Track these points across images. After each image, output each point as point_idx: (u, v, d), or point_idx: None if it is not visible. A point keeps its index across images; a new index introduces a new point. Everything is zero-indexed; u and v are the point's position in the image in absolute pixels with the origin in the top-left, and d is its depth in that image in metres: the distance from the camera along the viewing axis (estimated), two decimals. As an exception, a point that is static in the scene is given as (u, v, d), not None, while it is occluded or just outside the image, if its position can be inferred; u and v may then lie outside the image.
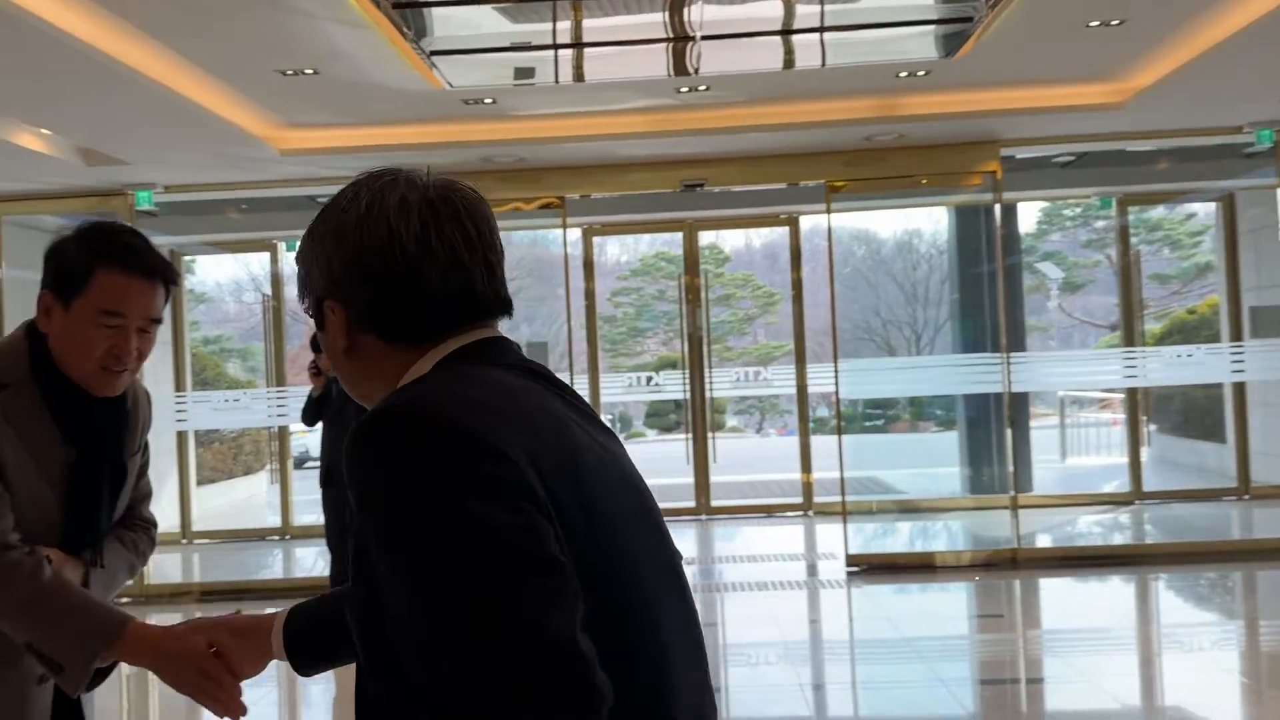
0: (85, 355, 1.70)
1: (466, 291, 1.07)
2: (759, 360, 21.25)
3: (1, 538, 1.63)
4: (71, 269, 1.69)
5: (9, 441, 1.68)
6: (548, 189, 7.29)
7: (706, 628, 4.74)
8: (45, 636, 1.60)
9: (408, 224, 1.05)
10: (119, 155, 6.23)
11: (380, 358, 1.08)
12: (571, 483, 0.98)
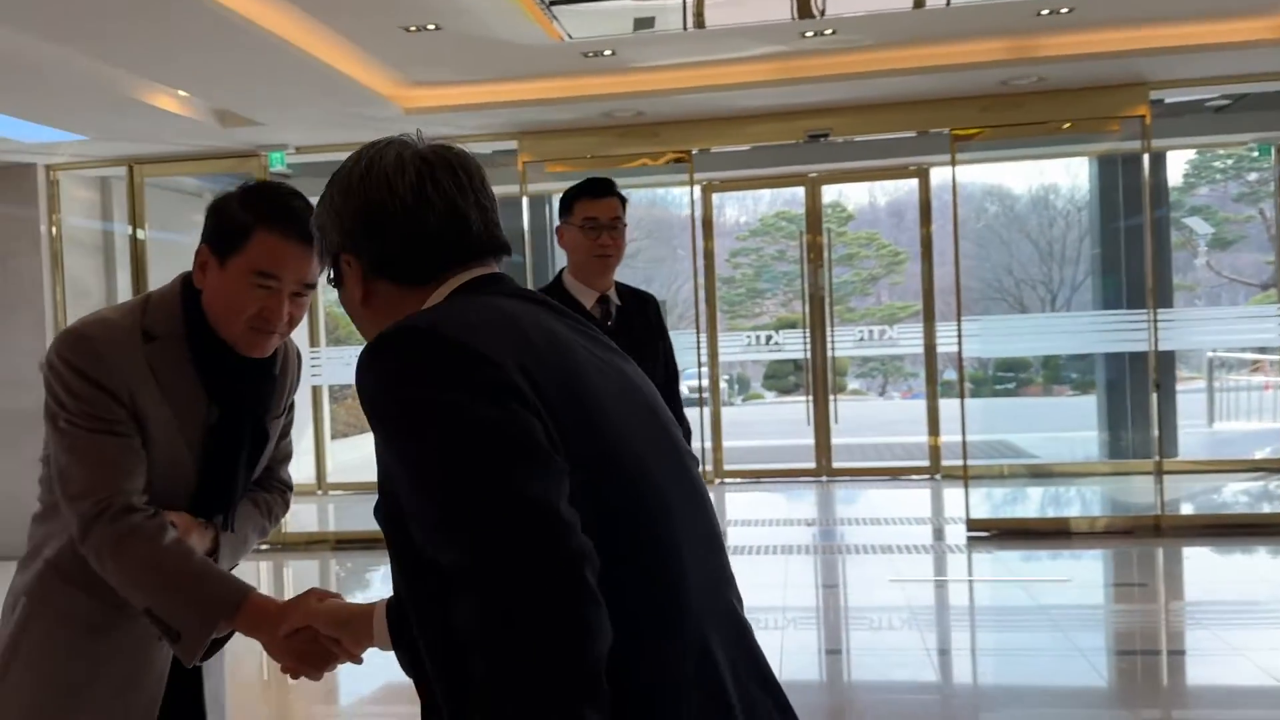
0: (236, 314, 1.68)
1: (463, 234, 1.20)
2: (882, 322, 20.79)
3: (126, 499, 1.62)
4: (231, 227, 1.68)
5: (152, 396, 1.67)
6: (666, 143, 7.20)
7: (827, 589, 4.64)
8: (164, 604, 1.60)
9: (403, 177, 1.18)
10: (253, 116, 6.41)
11: (393, 301, 1.20)
12: (567, 389, 1.08)
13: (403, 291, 1.20)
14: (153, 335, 1.70)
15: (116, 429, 1.64)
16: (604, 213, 2.93)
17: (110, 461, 1.63)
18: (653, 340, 3.05)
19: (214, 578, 1.63)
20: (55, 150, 7.07)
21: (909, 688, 4.28)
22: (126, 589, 1.62)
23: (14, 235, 7.43)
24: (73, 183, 7.66)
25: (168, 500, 1.69)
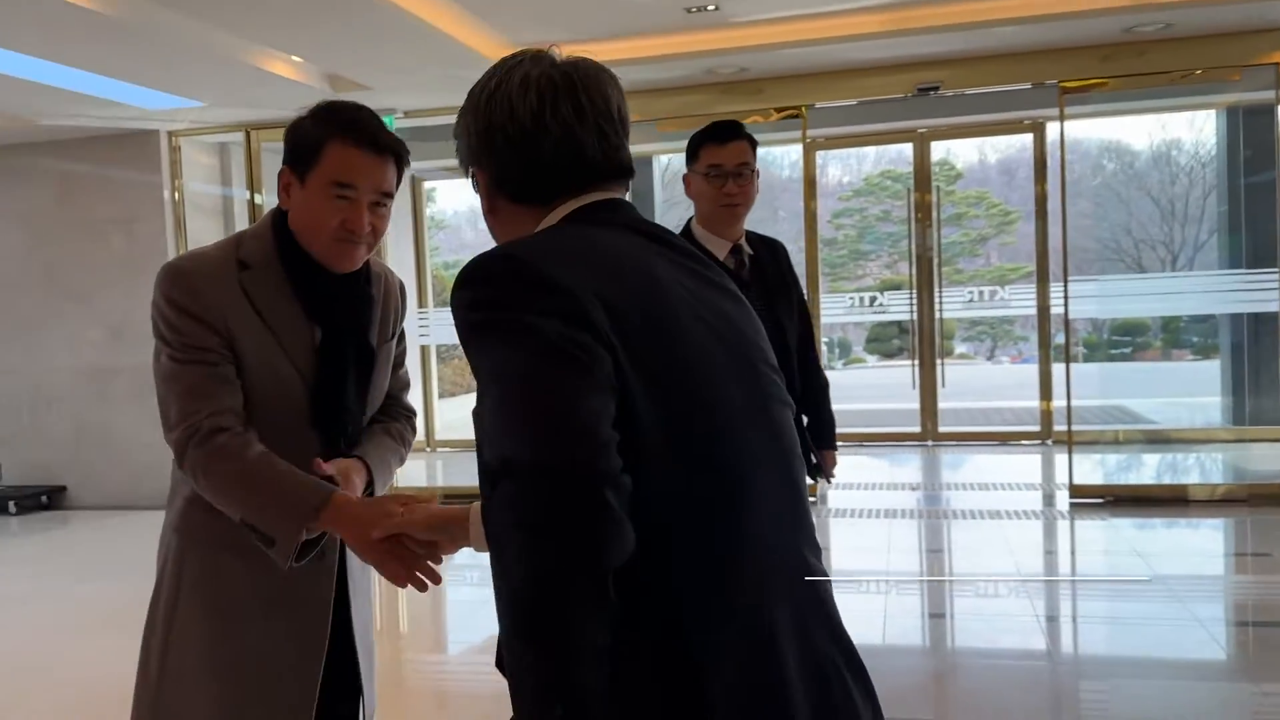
0: (320, 228, 1.74)
1: (577, 160, 1.21)
2: (992, 283, 20.19)
3: (214, 422, 1.68)
4: (305, 144, 1.74)
5: (250, 322, 1.73)
6: (771, 99, 7.09)
7: (932, 554, 4.54)
8: (254, 513, 1.66)
9: (524, 101, 1.20)
10: (363, 81, 6.54)
11: (513, 216, 1.25)
12: (650, 325, 1.10)
13: (520, 209, 1.24)
14: (247, 264, 1.76)
15: (208, 358, 1.70)
16: (729, 159, 2.78)
17: (200, 388, 1.69)
18: (786, 289, 2.95)
19: (297, 483, 1.66)
20: (176, 117, 7.34)
21: (1015, 654, 4.20)
22: (222, 503, 1.69)
23: (139, 201, 7.77)
24: (193, 148, 7.95)
25: (283, 419, 1.75)
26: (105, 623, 4.87)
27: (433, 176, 10.43)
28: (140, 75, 6.16)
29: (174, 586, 1.80)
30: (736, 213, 2.82)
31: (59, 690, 4.04)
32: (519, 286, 1.07)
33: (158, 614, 1.82)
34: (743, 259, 2.86)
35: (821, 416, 3.07)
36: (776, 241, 3.05)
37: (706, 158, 2.80)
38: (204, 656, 1.78)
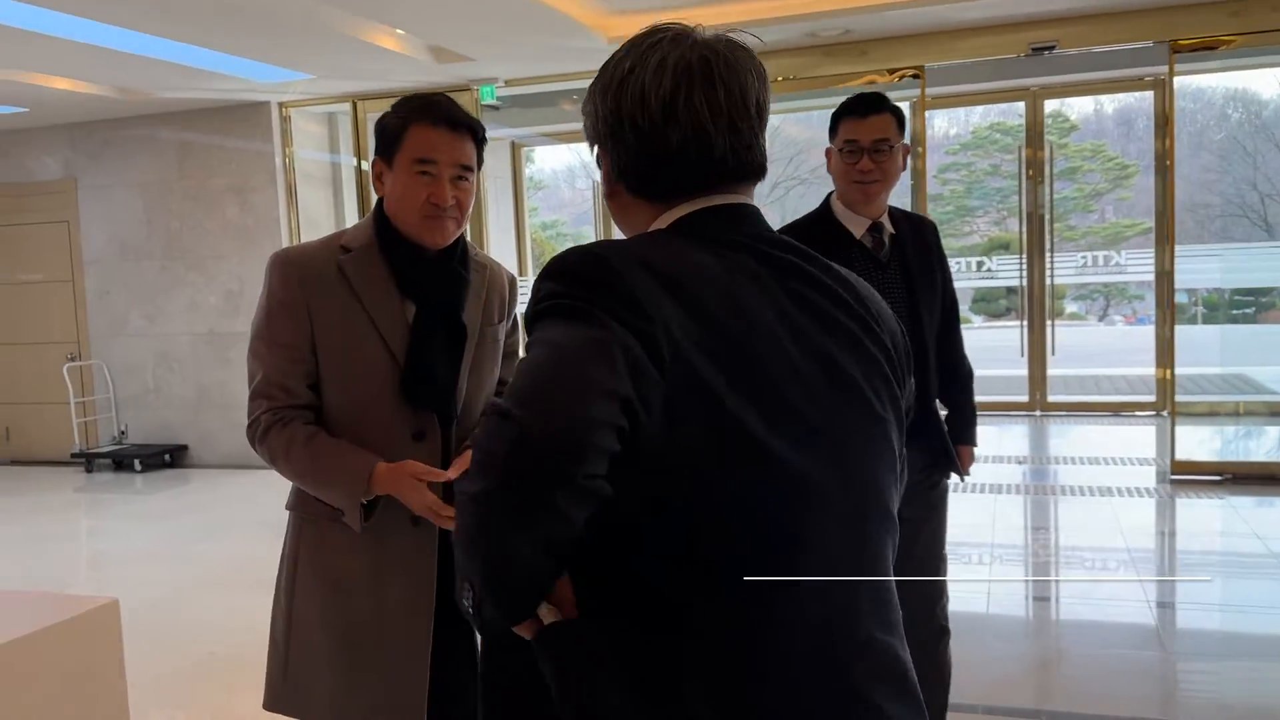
0: (409, 206, 1.86)
1: (703, 157, 1.13)
2: (1107, 241, 19.43)
3: (284, 414, 1.86)
4: (390, 132, 1.89)
5: (344, 302, 1.87)
6: (874, 62, 6.90)
7: (1038, 531, 4.41)
8: (324, 491, 1.87)
9: (659, 88, 1.12)
10: (465, 52, 6.59)
11: (630, 207, 1.19)
12: (716, 362, 1.03)
13: (638, 203, 1.18)
14: (348, 249, 1.91)
15: (289, 354, 1.87)
16: (866, 134, 2.61)
17: (264, 387, 1.87)
18: (930, 271, 2.75)
19: (351, 458, 1.84)
20: (286, 89, 7.52)
21: (1124, 641, 4.09)
22: (295, 480, 1.91)
23: (253, 170, 8.01)
24: (303, 118, 8.15)
25: (377, 392, 1.87)
26: (223, 580, 5.12)
27: (532, 142, 10.49)
28: (252, 50, 6.33)
29: (293, 558, 1.97)
30: (870, 191, 2.64)
31: (186, 646, 4.27)
32: (596, 288, 1.04)
33: (282, 584, 1.99)
34: (882, 238, 2.69)
35: (962, 409, 2.89)
36: (925, 219, 2.88)
37: (844, 132, 2.66)
38: (322, 624, 1.92)
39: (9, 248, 8.81)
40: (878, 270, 2.65)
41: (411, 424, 1.88)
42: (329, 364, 1.89)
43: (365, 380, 1.87)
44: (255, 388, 1.89)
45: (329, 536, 1.90)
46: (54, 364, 8.62)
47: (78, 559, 6.15)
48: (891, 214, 2.75)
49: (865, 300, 1.19)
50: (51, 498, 7.61)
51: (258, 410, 1.88)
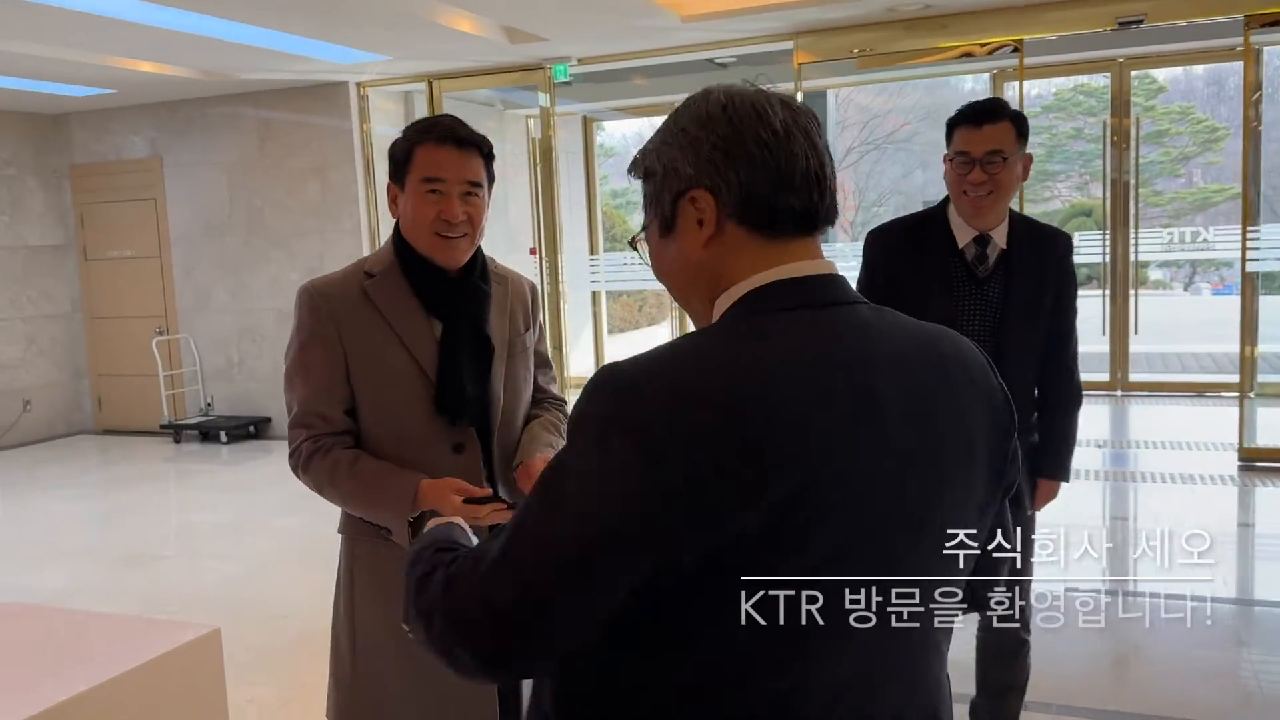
0: (422, 225, 1.91)
1: (820, 177, 1.08)
2: (1194, 206, 18.77)
3: (323, 443, 1.90)
4: (400, 155, 1.93)
5: (372, 325, 1.92)
6: (956, 35, 6.74)
7: (1117, 520, 4.29)
8: (370, 513, 1.91)
9: (772, 111, 1.07)
10: (539, 32, 6.60)
11: (736, 249, 1.09)
12: (784, 471, 0.97)
13: (750, 240, 1.08)
14: (371, 274, 1.96)
15: (321, 380, 1.92)
16: (979, 146, 2.45)
17: (302, 416, 1.92)
18: (1039, 294, 2.54)
19: (392, 480, 1.88)
20: (363, 69, 7.62)
21: (1207, 641, 4.01)
22: (342, 505, 1.96)
23: (332, 148, 8.15)
24: (380, 97, 8.25)
25: (411, 408, 1.92)
26: (305, 556, 5.30)
27: (604, 116, 10.49)
28: (331, 34, 6.42)
29: (349, 576, 2.03)
30: (980, 205, 2.48)
31: (275, 623, 4.44)
32: (621, 439, 0.98)
33: (340, 605, 2.05)
34: (984, 251, 2.53)
35: (1052, 437, 2.65)
36: (1058, 235, 2.63)
37: (957, 141, 2.50)
38: (390, 634, 1.93)
39: (101, 225, 9.12)
40: (973, 284, 2.54)
41: (450, 438, 1.94)
42: (364, 388, 1.94)
43: (401, 400, 1.92)
44: (294, 417, 1.95)
45: (382, 551, 1.95)
46: (143, 337, 8.93)
47: (166, 530, 6.40)
48: (1015, 226, 2.57)
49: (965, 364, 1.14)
50: (142, 468, 7.91)
51: (298, 439, 1.94)
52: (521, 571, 1.00)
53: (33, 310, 8.99)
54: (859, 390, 1.02)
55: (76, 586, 5.06)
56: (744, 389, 0.98)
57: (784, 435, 0.97)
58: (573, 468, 1.00)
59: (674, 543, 0.96)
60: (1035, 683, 2.96)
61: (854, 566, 1.02)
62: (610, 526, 0.96)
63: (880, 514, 1.03)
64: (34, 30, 6.00)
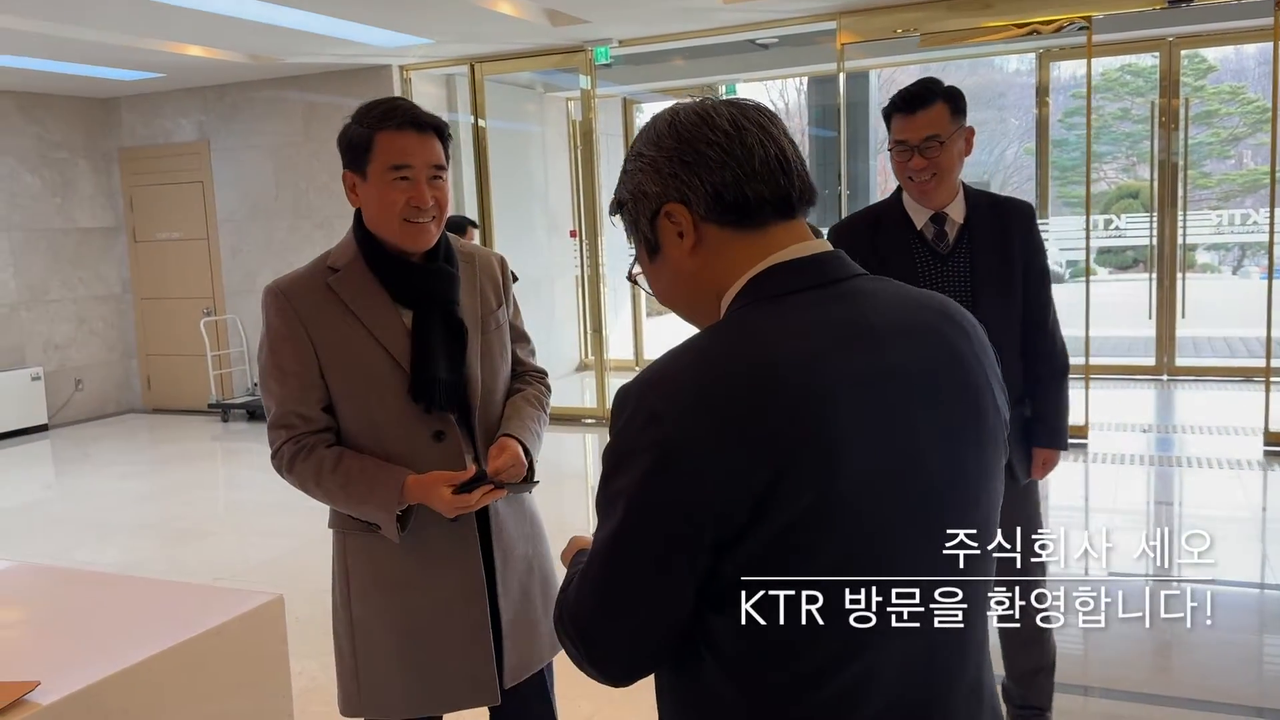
0: (389, 213, 1.88)
1: (782, 161, 1.11)
2: (1243, 189, 18.39)
3: (303, 443, 1.91)
4: (357, 143, 1.89)
5: (340, 320, 1.90)
6: (1001, 14, 6.66)
7: (1161, 505, 4.24)
8: (357, 509, 1.92)
9: (716, 111, 1.12)
10: (581, 14, 6.61)
11: (722, 248, 1.12)
12: (788, 489, 1.00)
13: (731, 236, 1.12)
14: (335, 268, 1.94)
15: (295, 380, 1.91)
16: (914, 133, 2.49)
17: (280, 417, 1.92)
18: (1007, 265, 2.57)
19: (379, 476, 1.89)
20: (407, 53, 7.67)
21: (1246, 624, 3.98)
22: (329, 504, 1.98)
23: (375, 132, 8.21)
24: (422, 80, 8.31)
25: (387, 400, 1.91)
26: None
27: (644, 99, 10.48)
28: (375, 18, 6.47)
29: (344, 571, 2.04)
30: (926, 189, 2.54)
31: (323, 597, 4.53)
32: (649, 457, 1.04)
33: (337, 599, 2.08)
34: (942, 229, 2.57)
35: (1046, 407, 2.67)
36: (1017, 204, 2.65)
37: (894, 130, 2.54)
38: (384, 625, 2.00)
39: (150, 207, 9.28)
40: (937, 262, 2.58)
41: (429, 426, 1.93)
42: (338, 383, 1.93)
43: (376, 392, 1.91)
44: (272, 419, 1.94)
45: (373, 544, 1.97)
46: (191, 318, 9.09)
47: (215, 507, 6.54)
48: (972, 201, 2.61)
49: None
50: (190, 446, 8.07)
51: (279, 441, 1.94)
52: (597, 588, 1.10)
53: (84, 291, 9.18)
54: (873, 364, 1.06)
55: (130, 562, 5.19)
56: (755, 383, 1.02)
57: (804, 423, 1.01)
58: (617, 489, 1.06)
59: (727, 536, 1.02)
60: (1066, 667, 2.95)
61: (889, 549, 1.06)
62: (664, 533, 1.04)
63: (911, 490, 1.06)
64: (87, 15, 6.11)
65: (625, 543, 1.06)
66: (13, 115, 8.58)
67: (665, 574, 1.04)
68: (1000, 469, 1.16)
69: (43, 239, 8.84)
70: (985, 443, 1.13)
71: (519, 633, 2.05)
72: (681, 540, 1.03)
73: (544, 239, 9.63)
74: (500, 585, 2.02)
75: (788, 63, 8.93)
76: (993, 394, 1.14)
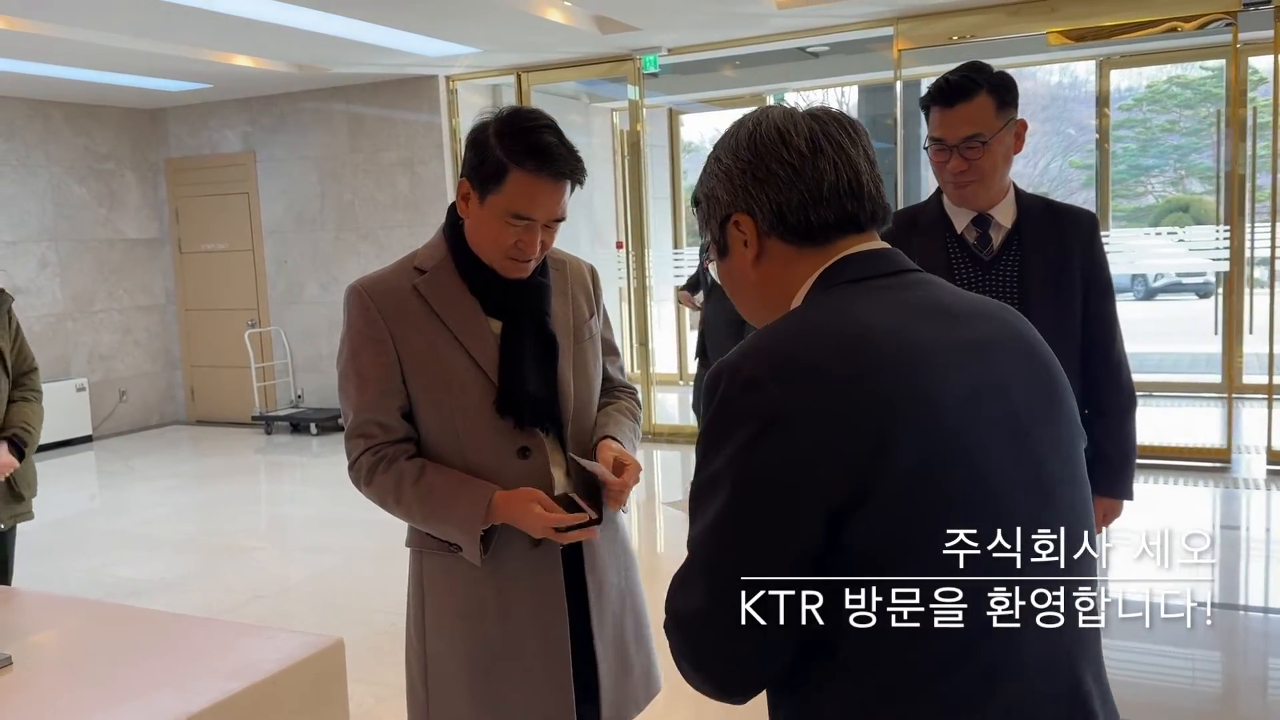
0: (494, 247, 1.78)
1: (855, 184, 1.13)
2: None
3: (383, 452, 1.79)
4: (489, 164, 1.73)
5: (426, 325, 1.79)
6: (1066, 19, 6.47)
7: (1227, 531, 3.99)
8: (438, 528, 1.80)
9: (796, 129, 1.14)
10: (631, 21, 6.50)
11: (785, 262, 1.15)
12: (899, 449, 0.99)
13: (795, 252, 1.15)
14: (423, 269, 1.83)
15: (377, 386, 1.79)
16: (952, 131, 2.16)
17: (360, 425, 1.81)
18: (1062, 276, 2.22)
19: (464, 491, 1.77)
20: (454, 63, 7.60)
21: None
22: (409, 521, 1.85)
23: (421, 143, 8.16)
24: (468, 90, 8.24)
25: (474, 411, 1.79)
26: (393, 551, 5.26)
27: (690, 109, 10.36)
28: (422, 26, 6.40)
29: (419, 594, 1.91)
30: (964, 192, 2.22)
31: (367, 617, 4.41)
32: (750, 425, 1.02)
33: (411, 624, 1.93)
34: (986, 233, 2.25)
35: (1108, 447, 2.25)
36: (1078, 213, 2.30)
37: (931, 124, 2.21)
38: (457, 656, 1.85)
39: (195, 218, 9.28)
40: (978, 270, 2.25)
41: (515, 441, 1.81)
42: (420, 390, 1.81)
43: (460, 403, 1.80)
44: (351, 428, 1.83)
45: (453, 568, 1.84)
46: (236, 329, 9.06)
47: (259, 521, 6.46)
48: (1025, 204, 2.27)
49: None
50: (234, 459, 8.02)
51: (357, 451, 1.82)
52: (707, 578, 1.03)
53: (129, 302, 9.19)
54: (955, 336, 1.08)
55: (172, 578, 5.10)
56: (850, 346, 1.03)
57: (902, 375, 1.02)
58: (721, 472, 1.03)
59: (843, 499, 0.99)
60: (1125, 691, 2.75)
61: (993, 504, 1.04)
62: (776, 512, 1.00)
63: (1011, 434, 1.07)
64: (135, 25, 6.08)
65: (734, 525, 1.02)
66: (60, 126, 8.61)
67: (782, 554, 1.00)
68: (1081, 454, 1.16)
69: (89, 250, 8.85)
70: (1065, 421, 1.14)
71: (616, 678, 1.90)
72: (796, 511, 1.00)
73: (589, 251, 9.51)
74: (595, 620, 1.87)
75: (838, 71, 8.76)
76: (1065, 379, 1.17)
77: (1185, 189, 20.36)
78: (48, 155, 8.52)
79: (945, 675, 1.01)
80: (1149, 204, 20.15)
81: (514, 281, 1.83)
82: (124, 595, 4.82)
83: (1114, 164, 18.94)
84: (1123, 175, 19.66)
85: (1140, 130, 19.55)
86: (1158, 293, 18.56)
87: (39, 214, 8.48)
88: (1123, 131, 19.28)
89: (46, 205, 8.52)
